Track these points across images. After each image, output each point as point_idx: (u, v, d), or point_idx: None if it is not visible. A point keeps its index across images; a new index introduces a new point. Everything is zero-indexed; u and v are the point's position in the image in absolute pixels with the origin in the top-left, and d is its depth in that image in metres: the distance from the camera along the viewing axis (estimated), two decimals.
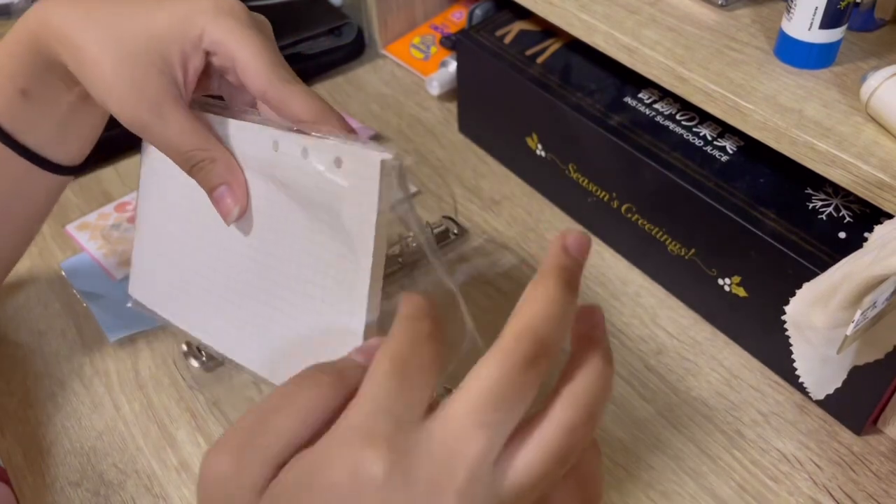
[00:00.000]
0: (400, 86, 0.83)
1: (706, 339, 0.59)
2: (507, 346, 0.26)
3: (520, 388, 0.26)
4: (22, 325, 0.61)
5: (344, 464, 0.26)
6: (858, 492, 0.50)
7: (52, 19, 0.41)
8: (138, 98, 0.40)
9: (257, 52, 0.40)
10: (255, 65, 0.40)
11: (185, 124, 0.40)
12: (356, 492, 0.25)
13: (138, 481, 0.52)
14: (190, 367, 0.57)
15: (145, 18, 0.40)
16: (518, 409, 0.26)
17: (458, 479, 0.25)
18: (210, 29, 0.40)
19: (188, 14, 0.40)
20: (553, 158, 0.66)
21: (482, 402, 0.25)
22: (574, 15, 0.59)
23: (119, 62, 0.39)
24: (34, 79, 0.44)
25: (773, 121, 0.48)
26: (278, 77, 0.40)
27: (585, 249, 0.31)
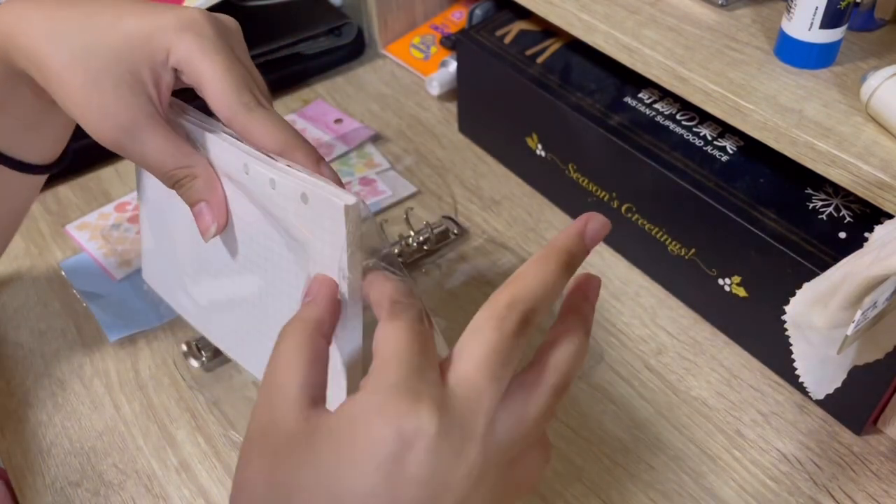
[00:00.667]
0: (400, 86, 0.83)
1: (706, 339, 0.59)
2: (501, 314, 0.29)
3: (513, 349, 0.30)
4: (22, 325, 0.61)
5: (390, 418, 0.27)
6: (858, 492, 0.50)
7: (17, 33, 0.39)
8: (112, 120, 0.38)
9: (220, 75, 0.38)
10: (218, 89, 0.38)
11: (163, 144, 0.39)
12: (407, 444, 0.27)
13: (138, 481, 0.52)
14: (190, 367, 0.57)
15: (111, 35, 0.38)
16: (512, 367, 0.30)
17: (480, 427, 0.28)
18: (175, 48, 0.38)
19: (153, 31, 0.38)
20: (553, 158, 0.66)
21: (489, 361, 0.29)
22: (574, 15, 0.59)
23: (89, 83, 0.38)
24: (1, 87, 0.42)
25: (773, 121, 0.48)
26: (241, 104, 0.38)
27: (600, 238, 0.34)
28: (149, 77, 0.39)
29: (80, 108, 0.38)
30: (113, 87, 0.38)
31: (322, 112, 0.79)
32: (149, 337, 0.60)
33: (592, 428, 0.53)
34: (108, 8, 0.39)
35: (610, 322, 0.60)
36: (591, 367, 0.57)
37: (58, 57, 0.38)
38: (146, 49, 0.38)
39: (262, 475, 0.29)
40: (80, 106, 0.38)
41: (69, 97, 0.38)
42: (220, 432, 0.54)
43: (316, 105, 0.80)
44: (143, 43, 0.38)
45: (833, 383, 0.45)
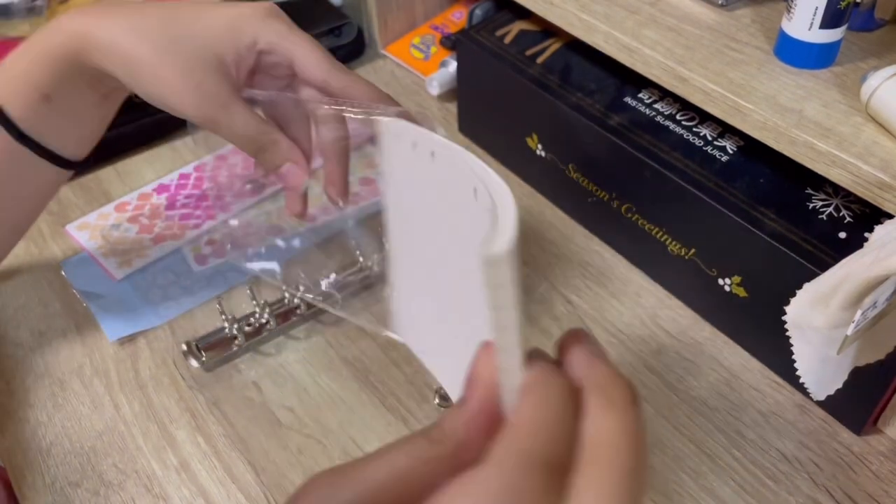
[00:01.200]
0: (400, 86, 0.83)
1: (706, 339, 0.59)
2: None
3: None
4: (22, 325, 0.61)
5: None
6: (858, 492, 0.50)
7: (95, 33, 0.44)
8: (206, 99, 0.44)
9: (311, 48, 0.46)
10: (313, 59, 0.46)
11: (248, 115, 0.46)
12: None
13: (138, 481, 0.52)
14: (190, 367, 0.57)
15: (194, 27, 0.44)
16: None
17: None
18: (263, 33, 0.45)
19: (236, 21, 0.45)
20: (553, 158, 0.66)
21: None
22: (574, 15, 0.59)
23: (181, 69, 0.44)
24: (60, 86, 0.46)
25: (772, 121, 0.48)
26: (336, 67, 0.46)
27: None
28: (232, 61, 0.45)
29: (176, 92, 0.44)
30: (204, 71, 0.44)
31: None
32: (149, 337, 0.60)
33: None
34: (184, 7, 0.45)
35: (610, 322, 0.60)
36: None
37: (147, 50, 0.43)
38: (230, 36, 0.45)
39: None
40: (175, 91, 0.44)
41: (164, 84, 0.44)
42: (221, 432, 0.54)
43: None
44: (227, 31, 0.45)
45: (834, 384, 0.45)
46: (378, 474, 0.25)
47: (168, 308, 0.62)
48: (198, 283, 0.63)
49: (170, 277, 0.63)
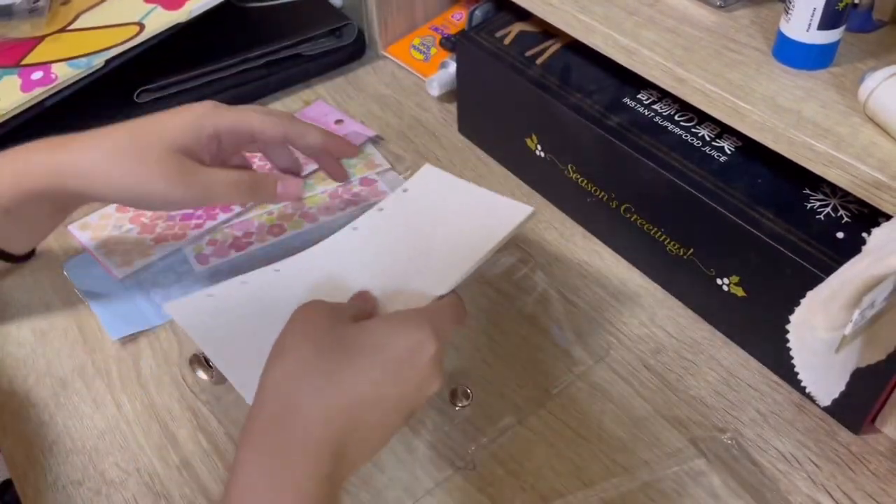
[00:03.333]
0: (400, 87, 0.83)
1: (705, 339, 0.59)
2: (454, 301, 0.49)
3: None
4: (24, 325, 0.61)
5: (410, 337, 0.43)
6: (857, 491, 0.50)
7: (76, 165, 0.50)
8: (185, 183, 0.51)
9: (262, 116, 0.55)
10: (267, 123, 0.55)
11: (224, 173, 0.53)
12: (414, 357, 0.42)
13: (140, 480, 0.52)
14: (199, 379, 0.56)
15: (160, 134, 0.51)
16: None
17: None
18: (218, 121, 0.53)
19: (195, 120, 0.52)
20: (552, 159, 0.66)
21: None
22: (573, 16, 0.59)
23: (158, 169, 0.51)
24: (22, 204, 0.51)
25: (771, 121, 0.48)
26: (287, 120, 0.56)
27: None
28: (198, 149, 0.53)
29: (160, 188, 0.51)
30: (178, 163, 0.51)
31: (322, 113, 0.79)
32: (150, 336, 0.60)
33: (591, 427, 0.54)
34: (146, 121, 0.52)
35: (609, 321, 0.60)
36: (594, 363, 0.57)
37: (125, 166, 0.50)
38: (192, 132, 0.52)
39: (315, 339, 0.42)
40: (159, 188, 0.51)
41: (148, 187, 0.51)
42: (222, 431, 0.54)
43: (316, 106, 0.80)
44: (189, 129, 0.52)
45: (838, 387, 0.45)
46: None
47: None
48: (199, 283, 0.63)
49: (171, 277, 0.64)
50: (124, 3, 0.75)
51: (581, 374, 0.56)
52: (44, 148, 0.51)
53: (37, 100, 0.70)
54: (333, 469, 0.39)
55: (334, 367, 0.41)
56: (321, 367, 0.41)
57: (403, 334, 0.43)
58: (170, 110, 0.54)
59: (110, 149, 0.50)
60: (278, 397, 0.41)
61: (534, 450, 0.52)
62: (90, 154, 0.50)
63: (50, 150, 0.51)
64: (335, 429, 0.40)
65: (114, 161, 0.50)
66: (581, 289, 0.63)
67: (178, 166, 0.51)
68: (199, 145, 0.52)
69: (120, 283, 0.63)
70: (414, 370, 0.42)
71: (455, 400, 0.55)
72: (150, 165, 0.50)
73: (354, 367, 0.41)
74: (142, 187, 0.51)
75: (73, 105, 0.72)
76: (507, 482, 0.51)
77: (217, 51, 0.78)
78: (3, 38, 0.76)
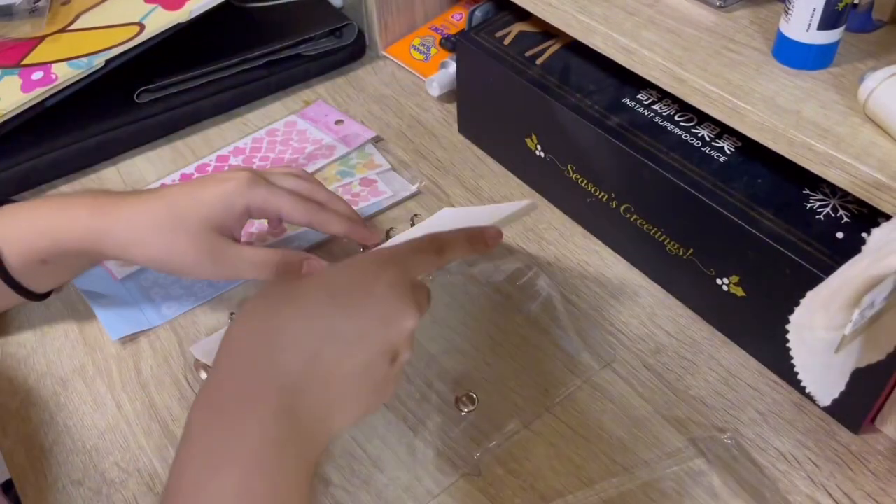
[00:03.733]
0: (400, 87, 0.83)
1: (704, 339, 0.59)
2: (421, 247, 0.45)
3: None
4: (24, 325, 0.61)
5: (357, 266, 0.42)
6: (856, 490, 0.50)
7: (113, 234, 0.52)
8: (216, 260, 0.54)
9: (292, 202, 0.55)
10: (296, 210, 0.56)
11: (253, 253, 0.55)
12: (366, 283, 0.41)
13: (140, 480, 0.52)
14: (202, 380, 0.56)
15: (195, 209, 0.53)
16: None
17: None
18: (250, 201, 0.54)
19: (228, 197, 0.54)
20: (552, 159, 0.66)
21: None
22: (573, 16, 0.59)
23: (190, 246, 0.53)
24: (60, 258, 0.53)
25: (771, 121, 0.48)
26: (314, 209, 0.57)
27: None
28: (229, 226, 0.55)
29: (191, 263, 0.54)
30: (210, 241, 0.53)
31: (323, 113, 0.79)
32: (150, 336, 0.60)
33: (591, 427, 0.54)
34: (183, 194, 0.54)
35: (608, 321, 0.60)
36: (600, 368, 0.57)
37: (161, 239, 0.53)
38: (224, 210, 0.54)
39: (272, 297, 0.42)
40: (189, 262, 0.53)
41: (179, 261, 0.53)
42: None
43: (317, 106, 0.81)
44: (222, 208, 0.53)
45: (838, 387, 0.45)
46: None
47: (170, 307, 0.62)
48: (199, 283, 0.63)
49: (171, 277, 0.64)
50: (124, 4, 0.75)
51: (587, 379, 0.56)
52: (86, 208, 0.53)
53: (37, 100, 0.70)
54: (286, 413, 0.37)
55: (280, 311, 0.40)
56: (267, 318, 0.40)
57: (350, 266, 0.42)
58: (208, 179, 0.55)
59: (148, 224, 0.52)
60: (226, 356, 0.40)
61: (534, 449, 0.53)
62: (129, 226, 0.52)
63: (91, 214, 0.52)
64: (282, 371, 0.38)
65: (150, 235, 0.52)
66: (581, 289, 0.63)
67: (209, 244, 0.53)
68: (230, 220, 0.54)
69: (120, 284, 0.63)
70: (368, 297, 0.40)
71: (460, 405, 0.55)
72: (183, 243, 0.53)
73: (296, 305, 0.40)
74: (174, 262, 0.54)
75: (73, 105, 0.72)
76: (507, 482, 0.51)
77: (217, 51, 0.79)
78: (4, 38, 0.76)
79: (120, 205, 0.53)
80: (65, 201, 0.54)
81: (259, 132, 0.77)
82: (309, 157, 0.74)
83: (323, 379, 0.39)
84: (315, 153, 0.74)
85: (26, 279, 0.54)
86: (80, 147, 0.73)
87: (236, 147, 0.76)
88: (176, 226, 0.53)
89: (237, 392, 0.38)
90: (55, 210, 0.53)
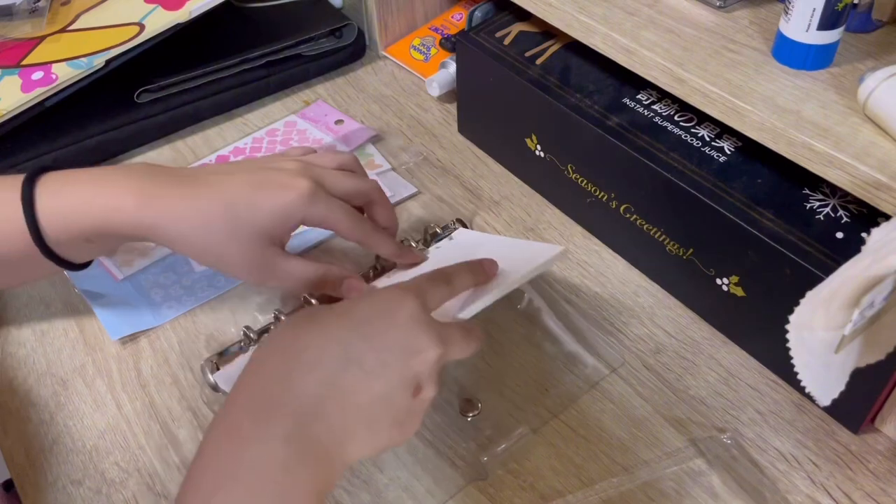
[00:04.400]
0: (400, 87, 0.83)
1: (704, 339, 0.59)
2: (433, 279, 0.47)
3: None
4: (24, 324, 0.62)
5: (380, 297, 0.43)
6: (856, 490, 0.50)
7: (164, 227, 0.50)
8: (264, 270, 0.53)
9: (348, 222, 0.54)
10: (351, 230, 0.54)
11: (297, 265, 0.54)
12: (388, 312, 0.42)
13: (140, 480, 0.52)
14: (202, 380, 0.56)
15: (252, 217, 0.51)
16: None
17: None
18: (308, 217, 0.52)
19: (286, 209, 0.51)
20: (552, 159, 0.66)
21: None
22: (573, 16, 0.59)
23: (241, 252, 0.51)
24: (105, 237, 0.51)
25: (770, 121, 0.48)
26: (367, 229, 0.55)
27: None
28: (280, 235, 0.53)
29: (238, 268, 0.53)
30: (262, 251, 0.52)
31: (323, 113, 0.79)
32: (150, 336, 0.60)
33: (591, 426, 0.54)
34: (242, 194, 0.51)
35: (608, 321, 0.60)
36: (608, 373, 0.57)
37: (213, 241, 0.51)
38: (281, 222, 0.52)
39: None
40: (237, 267, 0.53)
41: (227, 263, 0.52)
42: None
43: (317, 106, 0.81)
44: (279, 219, 0.51)
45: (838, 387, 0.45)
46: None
47: (170, 308, 0.62)
48: (199, 283, 0.63)
49: (171, 277, 0.64)
50: (124, 4, 0.75)
51: (595, 384, 0.56)
52: (133, 196, 0.50)
53: (37, 100, 0.70)
54: (299, 436, 0.38)
55: (302, 336, 0.41)
56: (290, 342, 0.41)
57: (373, 296, 0.43)
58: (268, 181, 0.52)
59: (200, 223, 0.50)
60: (247, 375, 0.41)
61: (534, 449, 0.53)
62: (179, 223, 0.50)
63: (138, 205, 0.50)
64: (298, 393, 0.38)
65: (202, 236, 0.51)
66: (581, 288, 0.63)
67: (261, 256, 0.52)
68: (284, 231, 0.53)
69: (120, 284, 0.63)
70: (391, 327, 0.41)
71: (465, 410, 0.54)
72: (235, 250, 0.51)
73: (318, 329, 0.41)
74: (222, 264, 0.53)
75: (73, 105, 0.72)
76: (506, 482, 0.51)
77: (217, 51, 0.79)
78: (4, 38, 0.76)
79: (171, 196, 0.50)
80: (111, 181, 0.51)
81: (259, 132, 0.77)
82: None
83: (339, 405, 0.39)
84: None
85: (68, 253, 0.52)
86: (79, 147, 0.73)
87: (236, 147, 0.76)
88: (230, 231, 0.51)
89: (252, 412, 0.38)
90: (101, 191, 0.50)
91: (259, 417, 0.38)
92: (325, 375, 0.39)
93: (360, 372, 0.40)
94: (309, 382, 0.39)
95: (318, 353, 0.40)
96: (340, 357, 0.40)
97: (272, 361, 0.40)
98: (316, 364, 0.39)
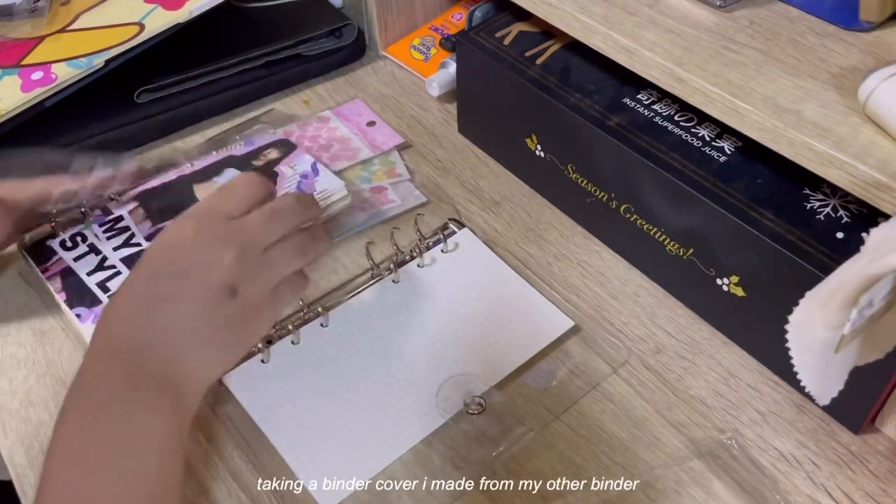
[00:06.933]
0: (400, 87, 0.83)
1: (704, 339, 0.59)
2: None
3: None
4: (24, 325, 0.61)
5: (171, 226, 0.47)
6: (856, 491, 0.50)
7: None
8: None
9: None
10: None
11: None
12: (176, 239, 0.47)
13: None
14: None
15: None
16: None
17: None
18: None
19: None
20: (552, 159, 0.66)
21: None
22: (573, 16, 0.59)
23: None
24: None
25: (770, 121, 0.48)
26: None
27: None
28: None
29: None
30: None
31: (357, 112, 0.79)
32: None
33: (591, 426, 0.54)
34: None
35: (608, 321, 0.60)
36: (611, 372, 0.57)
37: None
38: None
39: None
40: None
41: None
42: (222, 430, 0.54)
43: (354, 104, 0.80)
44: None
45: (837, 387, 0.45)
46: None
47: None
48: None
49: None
50: (124, 4, 0.75)
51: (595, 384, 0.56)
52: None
53: (37, 100, 0.70)
54: (135, 370, 0.43)
55: (116, 299, 0.47)
56: (112, 307, 0.46)
57: (160, 235, 0.48)
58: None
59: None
60: (97, 340, 0.46)
61: (534, 450, 0.53)
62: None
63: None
64: (120, 336, 0.44)
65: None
66: (581, 288, 0.63)
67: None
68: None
69: None
70: (176, 255, 0.46)
71: (468, 409, 0.54)
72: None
73: (125, 288, 0.46)
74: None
75: (73, 105, 0.72)
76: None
77: (217, 51, 0.78)
78: (4, 38, 0.76)
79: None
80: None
81: (290, 125, 0.77)
82: (332, 157, 0.73)
83: (162, 339, 0.44)
84: (339, 154, 0.73)
85: None
86: (79, 147, 0.73)
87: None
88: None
89: (93, 363, 0.44)
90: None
91: (97, 362, 0.44)
92: (141, 322, 0.44)
93: (168, 305, 0.45)
94: (131, 334, 0.44)
95: (127, 305, 0.45)
96: (148, 296, 0.45)
97: (104, 328, 0.46)
98: (131, 316, 0.45)
